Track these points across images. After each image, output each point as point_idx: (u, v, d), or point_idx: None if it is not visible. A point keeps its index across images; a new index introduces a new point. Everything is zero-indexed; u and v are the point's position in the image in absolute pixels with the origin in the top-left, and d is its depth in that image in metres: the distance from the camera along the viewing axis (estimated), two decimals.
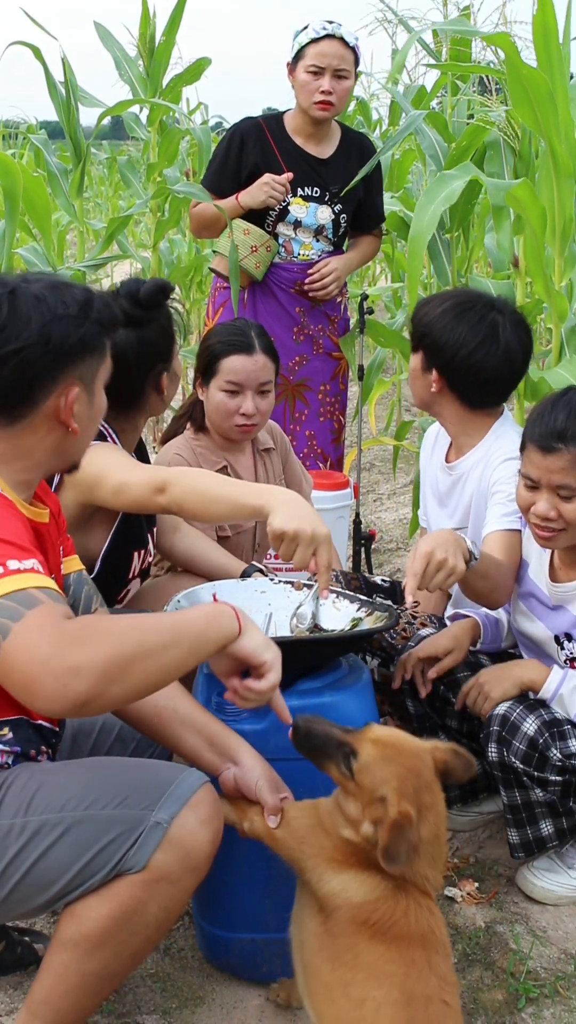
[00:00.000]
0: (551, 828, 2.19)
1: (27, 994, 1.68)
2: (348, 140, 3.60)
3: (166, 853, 1.57)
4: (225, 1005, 2.03)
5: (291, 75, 3.47)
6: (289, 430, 3.70)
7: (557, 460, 2.06)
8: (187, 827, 1.59)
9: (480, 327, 2.38)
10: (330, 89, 3.38)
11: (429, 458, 2.72)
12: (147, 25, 4.63)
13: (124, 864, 1.56)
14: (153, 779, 1.63)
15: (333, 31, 3.36)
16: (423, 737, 2.39)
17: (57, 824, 1.57)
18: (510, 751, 2.11)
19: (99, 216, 11.55)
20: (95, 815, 1.57)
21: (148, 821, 1.57)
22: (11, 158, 3.49)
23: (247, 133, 3.53)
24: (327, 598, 2.17)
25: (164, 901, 1.60)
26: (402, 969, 1.51)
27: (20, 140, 7.35)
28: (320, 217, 3.53)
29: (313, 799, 1.74)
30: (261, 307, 3.61)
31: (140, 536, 2.43)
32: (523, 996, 1.98)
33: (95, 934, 1.58)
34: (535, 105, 2.63)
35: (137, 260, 6.14)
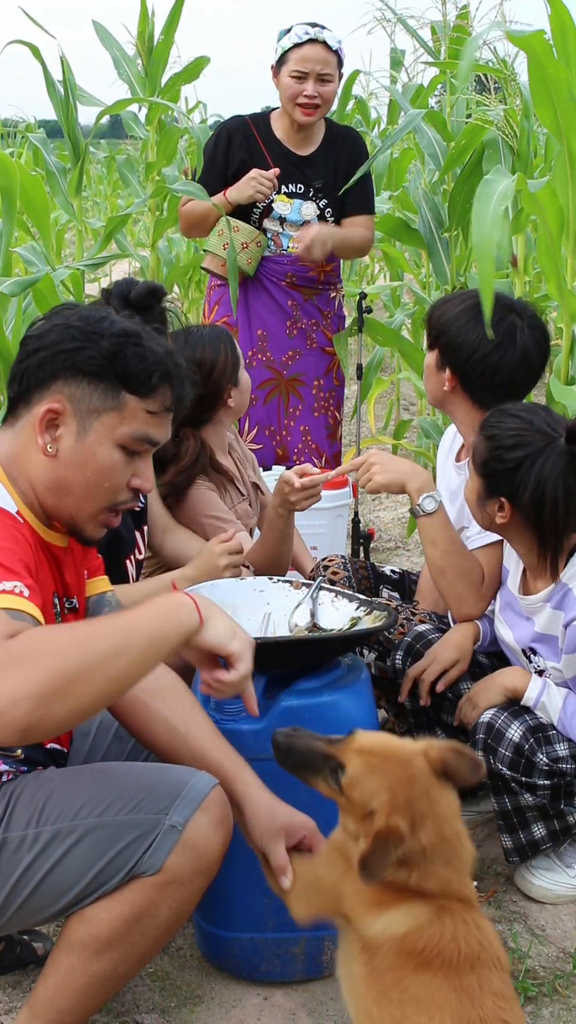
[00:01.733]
0: (543, 831, 2.20)
1: (29, 994, 1.68)
2: (332, 134, 3.60)
3: (180, 856, 1.58)
4: (224, 1004, 2.03)
5: (275, 78, 3.48)
6: (283, 425, 3.70)
7: None
8: (201, 830, 1.60)
9: (498, 329, 2.35)
10: (314, 93, 3.38)
11: (446, 456, 2.72)
12: (146, 24, 4.63)
13: (139, 867, 1.57)
14: (165, 783, 1.63)
15: (315, 35, 3.36)
16: (419, 734, 2.42)
17: (71, 832, 1.57)
18: (496, 758, 2.11)
19: (98, 215, 11.54)
20: (109, 821, 1.57)
21: (163, 825, 1.58)
22: (9, 157, 3.47)
23: (234, 131, 3.55)
24: None
25: (176, 903, 1.61)
26: (453, 995, 1.42)
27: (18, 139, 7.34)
28: (305, 213, 3.53)
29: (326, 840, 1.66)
30: (254, 301, 3.61)
31: (127, 542, 2.39)
32: (522, 995, 1.98)
33: (105, 936, 1.58)
34: (556, 104, 2.62)
35: (136, 259, 6.13)
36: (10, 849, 1.58)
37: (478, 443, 2.15)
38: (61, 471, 1.62)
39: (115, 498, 1.67)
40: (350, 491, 3.58)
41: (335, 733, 1.95)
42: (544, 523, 2.08)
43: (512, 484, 2.08)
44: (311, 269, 3.58)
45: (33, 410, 1.62)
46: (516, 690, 2.17)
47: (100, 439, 1.62)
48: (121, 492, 1.67)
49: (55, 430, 1.61)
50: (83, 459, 1.62)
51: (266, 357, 3.63)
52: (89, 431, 1.62)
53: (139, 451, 1.66)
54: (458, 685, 2.33)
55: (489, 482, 2.13)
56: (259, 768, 1.92)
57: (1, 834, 1.57)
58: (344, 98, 6.88)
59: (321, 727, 1.95)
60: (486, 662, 2.38)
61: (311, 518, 3.21)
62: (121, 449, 1.64)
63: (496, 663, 2.36)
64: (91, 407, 1.61)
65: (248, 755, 1.92)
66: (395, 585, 2.75)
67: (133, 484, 1.67)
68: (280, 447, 3.70)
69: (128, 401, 1.63)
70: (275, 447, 3.69)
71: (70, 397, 1.61)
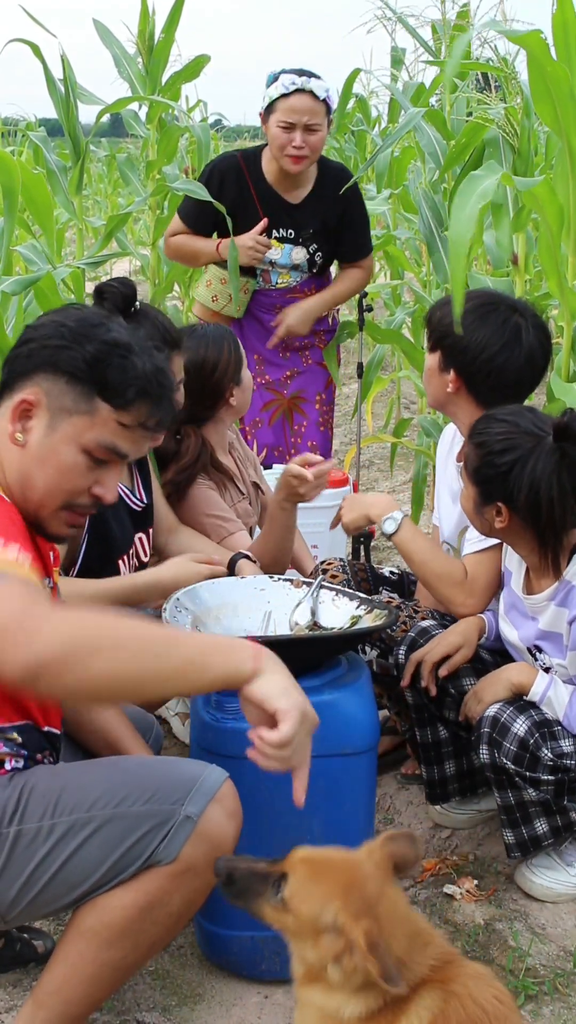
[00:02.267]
0: (546, 827, 2.20)
1: (35, 985, 1.69)
2: (324, 177, 3.55)
3: (195, 846, 1.61)
4: (224, 1002, 2.03)
5: (264, 125, 3.44)
6: (291, 443, 3.72)
7: None
8: (215, 820, 1.63)
9: (503, 330, 2.35)
10: (301, 144, 3.34)
11: (446, 456, 2.72)
12: (146, 23, 4.62)
13: (154, 857, 1.60)
14: (179, 775, 1.66)
15: (303, 85, 3.31)
16: (421, 731, 2.42)
17: (87, 823, 1.59)
18: (501, 752, 2.12)
19: (98, 214, 11.54)
20: (125, 812, 1.60)
21: (178, 815, 1.60)
22: (10, 155, 3.47)
23: (226, 173, 3.51)
24: None
25: (188, 893, 1.64)
26: None
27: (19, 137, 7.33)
28: (295, 257, 3.54)
29: None
30: (247, 329, 3.63)
31: (123, 542, 2.38)
32: (522, 993, 1.98)
33: (118, 924, 1.60)
34: (556, 102, 2.61)
35: (136, 257, 6.13)
36: (25, 841, 1.59)
37: (469, 451, 2.17)
38: (26, 463, 1.65)
39: (73, 500, 1.68)
40: (350, 490, 3.58)
41: (336, 731, 1.96)
42: (542, 523, 2.09)
43: (506, 488, 2.09)
44: (300, 299, 3.60)
45: (14, 398, 1.65)
46: (522, 685, 2.18)
47: (66, 439, 1.65)
48: (80, 496, 1.68)
49: (27, 421, 1.65)
50: (46, 454, 1.64)
51: (265, 380, 3.65)
52: (57, 428, 1.65)
53: (105, 459, 1.68)
54: (460, 681, 2.33)
55: (484, 489, 2.14)
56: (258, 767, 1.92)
57: (16, 826, 1.59)
58: (344, 96, 6.88)
59: (322, 726, 1.96)
60: (489, 659, 2.38)
61: (311, 517, 3.21)
62: (85, 454, 1.66)
63: (499, 660, 2.36)
64: (64, 406, 1.64)
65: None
66: (394, 586, 2.76)
67: (94, 491, 1.69)
68: None
69: (100, 409, 1.66)
70: None
71: (47, 392, 1.64)
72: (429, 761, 2.46)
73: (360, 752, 2.00)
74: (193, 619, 2.10)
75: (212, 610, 2.17)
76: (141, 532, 2.47)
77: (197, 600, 2.15)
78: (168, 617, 2.01)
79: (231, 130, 12.94)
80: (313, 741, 1.94)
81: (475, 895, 2.25)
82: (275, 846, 1.98)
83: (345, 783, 2.00)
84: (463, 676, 2.33)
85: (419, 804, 2.63)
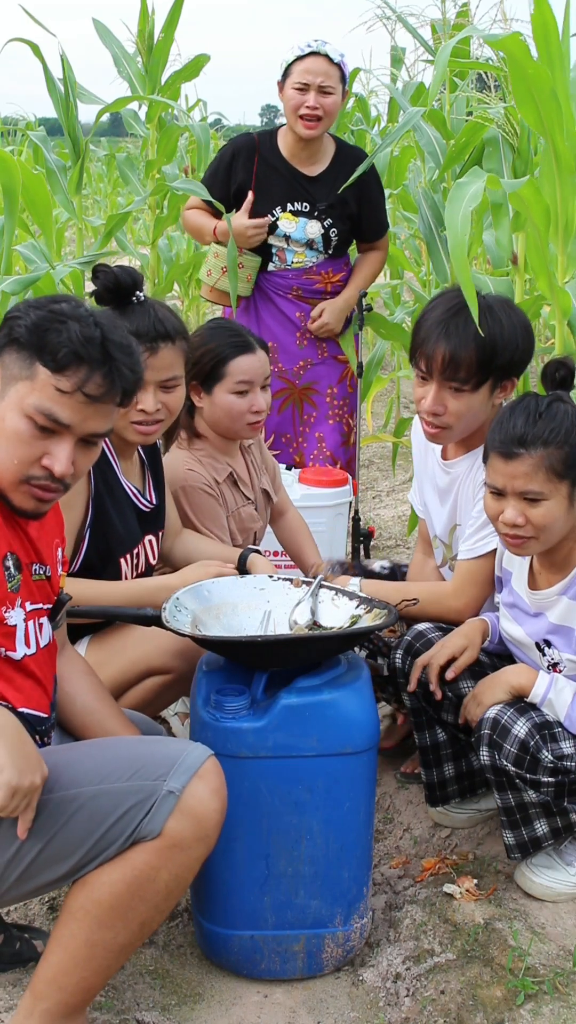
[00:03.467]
0: (546, 828, 2.20)
1: (31, 978, 1.70)
2: (342, 155, 3.62)
3: (179, 821, 1.63)
4: (224, 1001, 2.03)
5: (280, 93, 3.52)
6: (298, 432, 3.73)
7: (519, 465, 2.04)
8: (197, 796, 1.65)
9: (509, 321, 2.37)
10: (316, 104, 3.41)
11: (424, 453, 2.71)
12: (146, 22, 4.63)
13: (139, 833, 1.62)
14: (162, 752, 1.69)
15: (317, 48, 3.42)
16: (420, 734, 2.42)
17: (73, 800, 1.62)
18: (501, 754, 2.11)
19: (98, 213, 11.54)
20: (109, 788, 1.63)
21: (161, 791, 1.63)
22: (10, 155, 3.48)
23: (239, 150, 3.59)
24: None
25: (175, 868, 1.66)
26: None
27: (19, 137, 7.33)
28: (309, 232, 3.56)
29: None
30: (264, 314, 3.65)
31: (129, 540, 2.37)
32: (522, 993, 1.98)
33: (107, 900, 1.63)
34: (538, 103, 2.62)
35: (136, 257, 6.14)
36: (9, 820, 1.61)
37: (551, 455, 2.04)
38: None
39: (26, 471, 1.67)
40: (350, 489, 3.58)
41: (336, 731, 1.96)
42: None
43: None
44: (317, 281, 3.62)
45: None
46: (521, 687, 2.17)
47: (11, 405, 1.65)
48: (31, 466, 1.66)
49: None
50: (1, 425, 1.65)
51: (278, 368, 3.65)
52: (5, 396, 1.66)
53: (49, 428, 1.65)
54: (458, 685, 2.32)
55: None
56: (258, 766, 1.93)
57: None
58: None
59: (321, 725, 1.96)
60: (487, 661, 2.38)
61: (311, 516, 3.22)
62: (28, 420, 1.65)
63: (497, 663, 2.36)
64: (12, 374, 1.66)
65: (248, 753, 1.93)
66: (387, 580, 2.75)
67: (43, 463, 1.67)
68: (297, 454, 3.74)
69: (39, 372, 1.65)
70: (292, 454, 3.73)
71: (3, 363, 1.67)
72: (428, 764, 2.45)
73: (360, 752, 2.00)
74: (193, 618, 2.10)
75: (212, 609, 2.17)
76: (150, 534, 2.46)
77: (197, 599, 2.15)
78: (168, 616, 2.01)
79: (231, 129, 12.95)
80: (313, 741, 1.96)
81: (475, 894, 2.25)
82: (274, 845, 1.99)
83: (345, 783, 2.00)
84: (461, 679, 2.33)
85: (419, 803, 2.63)
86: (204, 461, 2.78)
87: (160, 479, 2.53)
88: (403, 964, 2.10)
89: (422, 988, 2.02)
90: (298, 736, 1.95)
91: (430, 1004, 1.97)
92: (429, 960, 2.08)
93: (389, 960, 2.13)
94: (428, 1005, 1.97)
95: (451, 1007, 1.95)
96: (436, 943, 2.12)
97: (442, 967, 2.05)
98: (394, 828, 2.60)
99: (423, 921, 2.19)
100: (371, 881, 2.16)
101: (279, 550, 3.18)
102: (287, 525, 3.09)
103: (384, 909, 2.30)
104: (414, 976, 2.06)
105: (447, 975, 2.03)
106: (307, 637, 2.10)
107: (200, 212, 3.64)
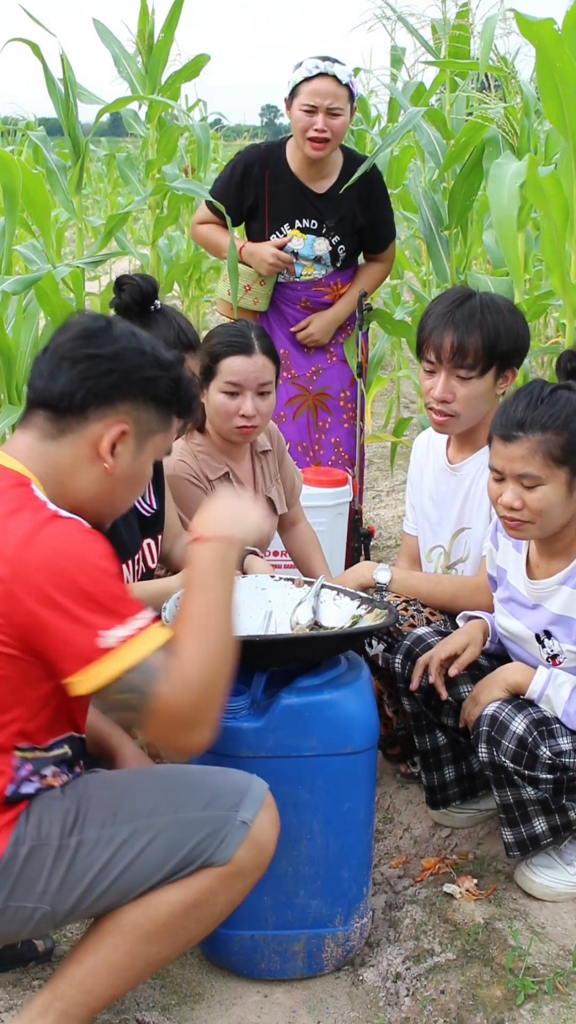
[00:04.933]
0: (544, 825, 2.20)
1: (54, 974, 1.70)
2: (349, 168, 3.56)
3: (247, 850, 1.68)
4: (224, 1001, 2.03)
5: (288, 111, 3.50)
6: (315, 439, 3.73)
7: (517, 448, 2.07)
8: (263, 827, 1.72)
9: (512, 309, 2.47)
10: (323, 127, 3.37)
11: (424, 461, 2.73)
12: (146, 22, 4.63)
13: (210, 860, 1.66)
14: (230, 783, 1.74)
15: (326, 69, 3.35)
16: (420, 738, 2.42)
17: (148, 829, 1.65)
18: (500, 751, 2.12)
19: (98, 213, 11.54)
20: (183, 818, 1.67)
21: (234, 820, 1.68)
22: (10, 155, 3.48)
23: (250, 165, 3.56)
24: None
25: (232, 894, 1.70)
26: None
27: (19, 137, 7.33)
28: (317, 249, 3.56)
29: None
30: (274, 322, 3.67)
31: (133, 546, 2.38)
32: (522, 992, 1.98)
33: (163, 919, 1.65)
34: (563, 98, 2.61)
35: (136, 257, 6.13)
36: (86, 849, 1.63)
37: (550, 440, 2.05)
38: (113, 484, 1.69)
39: None
40: (350, 489, 3.58)
41: (336, 730, 1.96)
42: None
43: None
44: (326, 293, 3.64)
45: (90, 426, 1.65)
46: (518, 684, 2.18)
47: (149, 457, 1.73)
48: None
49: (116, 448, 1.67)
50: (135, 475, 1.72)
51: (291, 375, 3.67)
52: (144, 451, 1.71)
53: None
54: (458, 688, 2.32)
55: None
56: (259, 765, 1.92)
57: (77, 836, 1.63)
58: None
59: (321, 725, 1.96)
60: (486, 664, 2.38)
61: (311, 516, 3.22)
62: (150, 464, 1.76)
63: (495, 665, 2.36)
64: (150, 429, 1.70)
65: (248, 752, 1.93)
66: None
67: None
68: (315, 462, 3.75)
69: (173, 422, 1.75)
70: (309, 462, 3.73)
71: (136, 419, 1.67)
72: (428, 767, 2.46)
73: (360, 751, 2.00)
74: None
75: None
76: (149, 538, 2.47)
77: None
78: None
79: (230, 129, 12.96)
80: (313, 740, 1.96)
81: (475, 894, 2.26)
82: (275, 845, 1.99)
83: (345, 782, 2.00)
84: (460, 683, 2.33)
85: (419, 803, 2.63)
86: (199, 456, 2.78)
87: (160, 483, 2.54)
88: (403, 964, 2.11)
89: (422, 988, 2.02)
90: (298, 736, 1.95)
91: (430, 1004, 1.97)
92: (429, 960, 2.08)
93: (389, 960, 2.13)
94: (428, 1005, 1.97)
95: (451, 1007, 1.95)
96: (436, 943, 2.12)
97: (442, 967, 2.05)
98: (394, 828, 2.60)
99: (423, 921, 2.19)
100: (371, 881, 2.17)
101: (279, 549, 3.18)
102: (298, 536, 3.10)
103: (384, 909, 2.30)
104: (414, 976, 2.06)
105: (447, 975, 2.03)
106: (307, 637, 2.10)
107: (214, 227, 3.63)
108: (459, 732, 2.39)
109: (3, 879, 1.60)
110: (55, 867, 1.62)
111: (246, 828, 1.68)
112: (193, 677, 1.54)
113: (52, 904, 1.63)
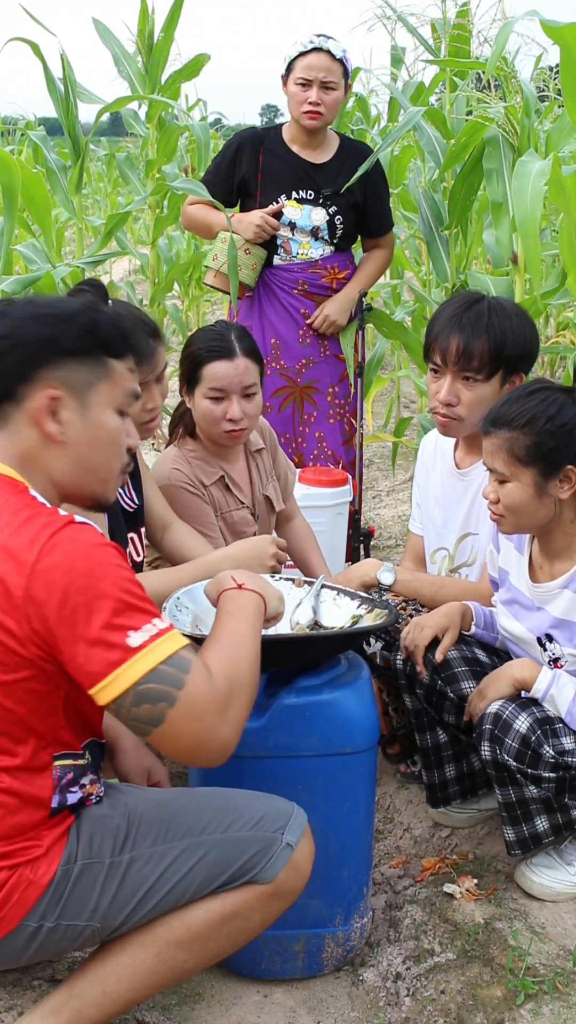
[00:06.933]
0: (546, 824, 2.20)
1: (73, 974, 1.69)
2: (346, 147, 3.68)
3: (288, 872, 1.71)
4: (224, 1001, 2.03)
5: (284, 88, 3.58)
6: (298, 432, 3.72)
7: (487, 443, 2.12)
8: (304, 853, 1.74)
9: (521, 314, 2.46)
10: (318, 100, 3.47)
11: (431, 464, 2.73)
12: (146, 21, 4.63)
13: (255, 877, 1.68)
14: (275, 806, 1.76)
15: (320, 44, 3.46)
16: (421, 735, 2.42)
17: (199, 847, 1.66)
18: (503, 749, 2.12)
19: (98, 213, 11.54)
20: (233, 836, 1.69)
21: (281, 842, 1.70)
22: (9, 155, 3.48)
23: (243, 144, 3.65)
24: None
25: (267, 914, 1.72)
26: None
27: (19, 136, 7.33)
28: (314, 218, 3.58)
29: None
30: (267, 309, 3.66)
31: (121, 542, 2.38)
32: (522, 992, 1.98)
33: (197, 926, 1.66)
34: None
35: (136, 256, 6.13)
36: (137, 866, 1.64)
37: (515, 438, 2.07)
38: (77, 452, 1.64)
39: (123, 460, 1.72)
40: (350, 489, 3.58)
41: (336, 730, 1.96)
42: None
43: (573, 445, 2.07)
44: (323, 276, 3.64)
45: (25, 406, 1.61)
46: (525, 681, 2.18)
47: (102, 409, 1.66)
48: (122, 456, 1.72)
49: (58, 415, 1.62)
50: (95, 432, 1.65)
51: (280, 365, 3.66)
52: (90, 405, 1.64)
53: (127, 410, 1.72)
54: (459, 685, 2.32)
55: (548, 461, 2.07)
56: (258, 765, 1.93)
57: (129, 853, 1.65)
58: None
59: (321, 724, 1.96)
60: (487, 660, 2.38)
61: (311, 516, 3.22)
62: (119, 413, 1.69)
63: (497, 662, 2.36)
64: (85, 382, 1.64)
65: (248, 752, 1.93)
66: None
67: (128, 444, 1.72)
68: (296, 454, 3.74)
69: (113, 366, 1.68)
70: (291, 454, 3.72)
71: (63, 380, 1.62)
72: (429, 765, 2.46)
73: (360, 751, 2.00)
74: (193, 617, 2.10)
75: (212, 609, 2.16)
76: (133, 532, 2.48)
77: (198, 599, 2.15)
78: (168, 616, 2.01)
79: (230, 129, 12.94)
80: (313, 740, 1.96)
81: (475, 894, 2.26)
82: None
83: (345, 782, 2.00)
84: (462, 680, 2.33)
85: (419, 803, 2.63)
86: (193, 462, 2.78)
87: (138, 479, 2.55)
88: (403, 964, 2.11)
89: (422, 988, 2.02)
90: (298, 736, 1.95)
91: (430, 1004, 1.97)
92: (429, 960, 2.08)
93: (389, 960, 2.13)
94: (428, 1005, 1.97)
95: (451, 1007, 1.95)
96: (436, 943, 2.12)
97: (442, 967, 2.05)
98: (394, 828, 2.60)
99: (423, 921, 2.19)
100: (371, 881, 2.17)
101: None
102: (294, 532, 3.09)
103: (384, 909, 2.30)
104: (414, 976, 2.06)
105: (447, 975, 2.03)
106: (307, 637, 2.10)
107: (203, 207, 3.67)
108: (460, 730, 2.39)
109: (55, 898, 1.59)
110: (107, 884, 1.62)
111: (290, 851, 1.70)
112: (220, 672, 1.57)
113: (102, 921, 1.63)
